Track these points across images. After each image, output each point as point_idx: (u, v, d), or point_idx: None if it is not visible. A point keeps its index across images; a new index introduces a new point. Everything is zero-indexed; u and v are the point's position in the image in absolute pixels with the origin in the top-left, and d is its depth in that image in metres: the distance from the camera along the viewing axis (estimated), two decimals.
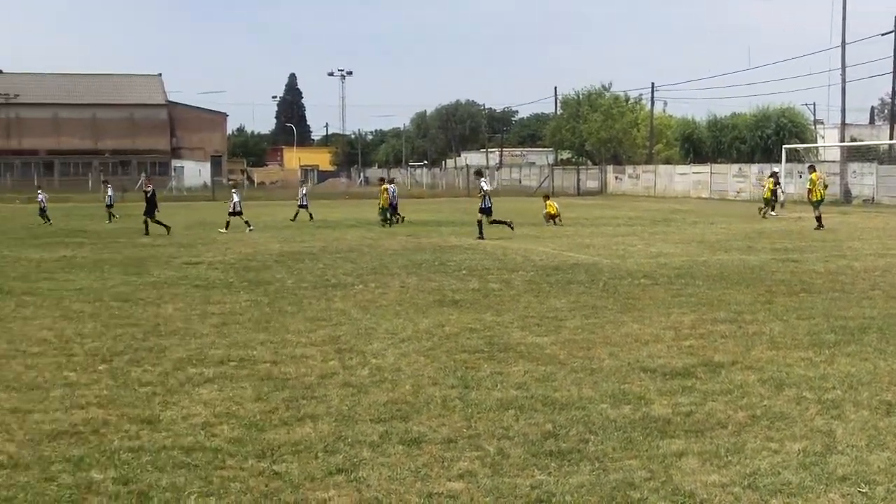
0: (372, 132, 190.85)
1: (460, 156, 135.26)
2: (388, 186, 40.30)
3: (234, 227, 35.37)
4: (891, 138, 64.18)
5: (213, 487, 6.95)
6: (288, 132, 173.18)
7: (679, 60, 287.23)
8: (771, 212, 43.23)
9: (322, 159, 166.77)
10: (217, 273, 20.91)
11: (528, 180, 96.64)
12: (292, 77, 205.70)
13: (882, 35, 62.23)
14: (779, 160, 59.41)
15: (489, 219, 31.04)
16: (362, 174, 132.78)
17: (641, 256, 23.94)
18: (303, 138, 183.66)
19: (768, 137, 75.88)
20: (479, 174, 36.50)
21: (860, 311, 14.82)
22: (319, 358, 11.49)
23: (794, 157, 66.47)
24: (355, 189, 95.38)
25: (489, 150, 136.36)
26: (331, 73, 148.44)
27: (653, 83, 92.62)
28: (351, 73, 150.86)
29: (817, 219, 34.46)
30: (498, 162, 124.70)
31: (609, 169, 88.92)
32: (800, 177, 53.60)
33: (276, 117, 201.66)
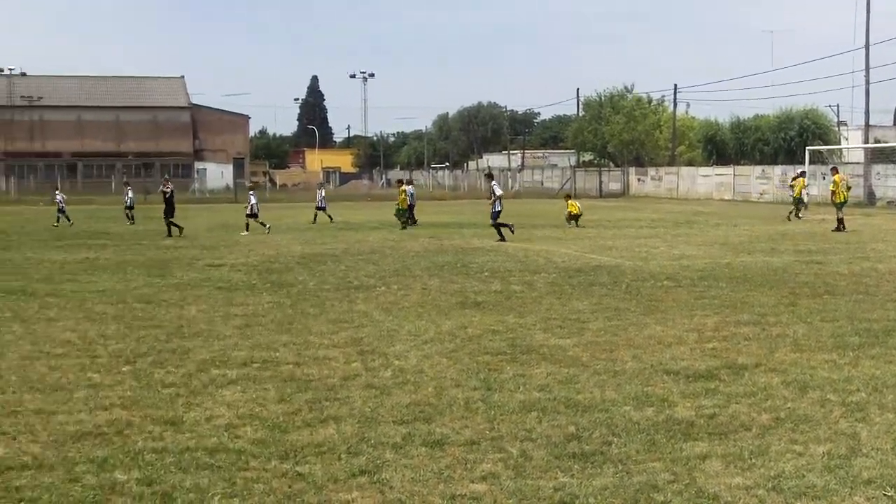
0: (394, 134, 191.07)
1: (482, 157, 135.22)
2: (407, 188, 40.24)
3: (255, 228, 35.44)
4: None
5: (236, 489, 6.97)
6: (310, 134, 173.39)
7: (702, 62, 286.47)
8: (797, 214, 42.83)
9: (344, 161, 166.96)
10: (240, 275, 20.96)
11: (550, 182, 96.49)
12: (314, 79, 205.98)
13: None
14: (802, 162, 59.16)
15: (496, 222, 31.05)
16: (384, 176, 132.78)
17: (664, 258, 23.87)
18: (325, 140, 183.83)
19: (791, 139, 75.53)
20: (491, 177, 36.46)
21: (884, 313, 14.75)
22: (342, 360, 11.51)
23: (818, 158, 66.09)
24: (377, 191, 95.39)
25: (511, 151, 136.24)
26: (353, 76, 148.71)
27: (675, 85, 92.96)
28: (373, 75, 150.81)
29: (839, 220, 34.29)
30: (520, 164, 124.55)
31: (631, 171, 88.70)
32: (823, 178, 53.32)
33: (298, 119, 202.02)
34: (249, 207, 36.80)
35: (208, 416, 8.94)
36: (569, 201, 40.18)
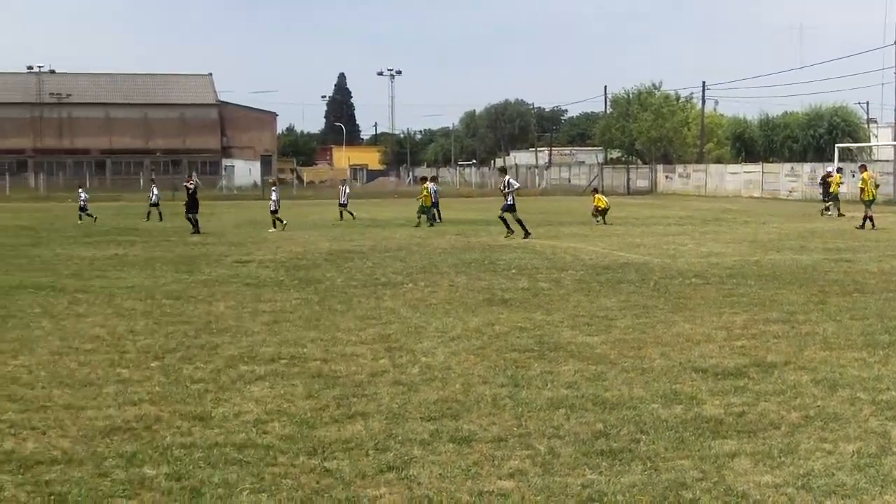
0: (421, 131, 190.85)
1: (509, 155, 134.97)
2: (430, 185, 40.16)
3: (280, 225, 35.51)
4: None
5: (264, 484, 6.99)
6: (337, 131, 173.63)
7: (730, 59, 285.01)
8: (827, 211, 42.62)
9: (371, 158, 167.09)
10: (268, 271, 21.03)
11: (578, 179, 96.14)
12: (342, 77, 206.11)
13: None
14: (831, 159, 58.78)
15: (503, 214, 31.12)
16: (411, 173, 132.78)
17: (692, 256, 23.79)
18: (352, 138, 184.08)
19: (821, 136, 75.18)
20: (504, 171, 36.44)
21: None
22: (370, 356, 11.53)
23: (847, 156, 65.71)
24: (404, 188, 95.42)
25: (538, 149, 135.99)
26: (380, 73, 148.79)
27: (703, 82, 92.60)
28: (400, 73, 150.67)
29: (867, 218, 34.03)
30: (547, 161, 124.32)
31: (659, 168, 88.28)
32: (852, 176, 52.97)
33: (326, 117, 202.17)
34: (272, 204, 36.91)
35: (237, 412, 8.97)
36: (596, 195, 40.20)
